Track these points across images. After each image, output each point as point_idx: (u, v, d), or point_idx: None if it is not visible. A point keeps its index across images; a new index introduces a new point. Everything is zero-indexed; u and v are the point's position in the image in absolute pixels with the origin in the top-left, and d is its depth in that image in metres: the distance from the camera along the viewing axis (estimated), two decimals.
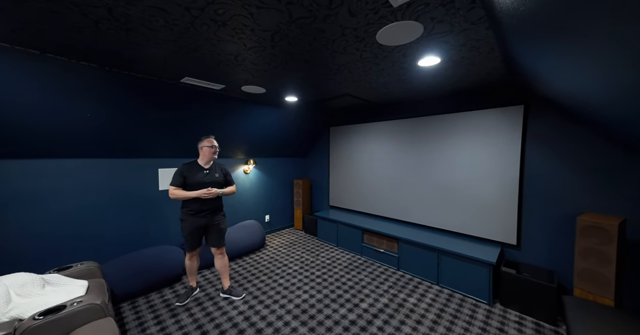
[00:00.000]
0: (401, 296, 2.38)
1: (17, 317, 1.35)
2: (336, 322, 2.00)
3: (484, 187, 2.61)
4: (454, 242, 2.63)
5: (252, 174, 3.92)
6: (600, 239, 1.71)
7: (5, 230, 2.00)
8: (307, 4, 1.08)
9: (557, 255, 2.23)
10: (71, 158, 2.27)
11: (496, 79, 2.16)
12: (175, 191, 2.04)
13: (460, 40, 1.42)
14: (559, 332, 1.91)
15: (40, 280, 1.64)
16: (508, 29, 1.10)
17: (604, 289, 1.70)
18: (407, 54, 1.62)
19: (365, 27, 1.28)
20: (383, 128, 3.49)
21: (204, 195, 2.05)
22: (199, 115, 2.74)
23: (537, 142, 2.31)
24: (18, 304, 1.42)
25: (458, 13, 1.13)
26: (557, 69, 1.20)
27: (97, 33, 1.34)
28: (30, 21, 1.22)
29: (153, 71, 1.96)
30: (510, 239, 2.48)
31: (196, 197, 2.04)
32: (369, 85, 2.37)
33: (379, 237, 3.11)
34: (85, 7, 1.10)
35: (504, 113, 2.47)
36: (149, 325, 1.96)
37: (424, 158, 3.07)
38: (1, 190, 1.97)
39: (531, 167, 2.35)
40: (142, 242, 2.74)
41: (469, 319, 2.05)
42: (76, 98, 1.94)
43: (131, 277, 2.28)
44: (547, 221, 2.28)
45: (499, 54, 1.63)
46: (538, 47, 1.09)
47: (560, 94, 1.61)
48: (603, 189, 2.00)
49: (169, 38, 1.40)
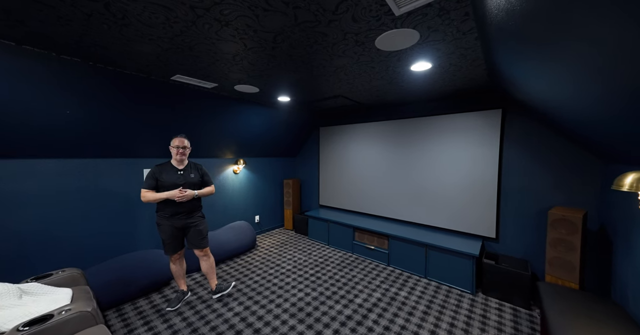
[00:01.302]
0: (393, 290, 2.49)
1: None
2: (333, 318, 2.05)
3: (466, 185, 2.80)
4: (440, 237, 2.79)
5: (242, 174, 3.86)
6: (567, 229, 1.92)
7: None
8: (314, 9, 1.11)
9: (530, 246, 2.46)
10: (47, 158, 2.11)
11: (478, 85, 2.33)
12: (147, 194, 1.92)
13: (450, 48, 1.53)
14: (533, 315, 2.11)
15: (16, 289, 1.51)
16: (494, 40, 1.21)
17: (570, 274, 1.91)
18: (402, 59, 1.71)
19: (366, 33, 1.34)
20: (372, 129, 3.60)
21: (177, 197, 1.96)
22: (187, 113, 2.65)
23: (513, 143, 2.53)
24: None
25: (452, 23, 1.23)
26: (534, 79, 1.34)
27: (88, 27, 1.27)
28: (12, 11, 1.13)
29: (142, 68, 1.88)
30: (490, 233, 2.68)
31: (168, 198, 1.94)
32: (361, 87, 2.44)
33: (370, 234, 3.21)
34: (79, 0, 1.04)
35: (484, 116, 2.66)
36: (139, 332, 1.88)
37: (411, 158, 3.22)
38: None
39: (508, 166, 2.57)
40: (126, 246, 2.60)
41: (456, 308, 2.20)
42: (55, 94, 1.81)
43: (116, 283, 2.16)
44: (522, 216, 2.50)
45: (483, 62, 1.77)
46: (519, 58, 1.21)
47: (534, 100, 1.78)
48: (568, 185, 2.24)
49: (166, 35, 1.36)
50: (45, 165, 2.11)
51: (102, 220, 2.44)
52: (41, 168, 2.09)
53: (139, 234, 2.71)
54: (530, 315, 2.10)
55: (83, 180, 2.31)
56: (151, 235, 2.78)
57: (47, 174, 2.12)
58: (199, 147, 3.04)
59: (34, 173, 2.06)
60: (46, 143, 2.01)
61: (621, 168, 1.68)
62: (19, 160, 1.98)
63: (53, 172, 2.15)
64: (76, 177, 2.27)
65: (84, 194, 2.32)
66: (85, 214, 2.33)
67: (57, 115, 1.90)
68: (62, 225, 2.20)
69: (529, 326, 1.96)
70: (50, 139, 2.01)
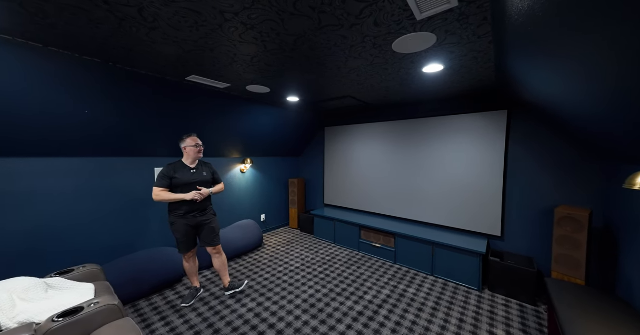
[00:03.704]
0: (401, 287, 2.54)
1: (25, 322, 1.29)
2: (345, 314, 2.10)
3: (471, 185, 2.86)
4: (446, 236, 2.85)
5: (248, 174, 3.90)
6: (574, 227, 1.97)
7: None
8: (338, 13, 1.16)
9: (535, 244, 2.52)
10: (65, 157, 2.14)
11: (485, 86, 2.38)
12: (162, 193, 1.95)
13: (464, 51, 1.58)
14: (539, 311, 2.17)
15: (42, 284, 1.56)
16: (509, 43, 1.26)
17: (576, 271, 1.97)
18: (416, 61, 1.76)
19: (385, 36, 1.38)
20: (377, 129, 3.65)
21: (197, 198, 2.01)
22: (198, 113, 2.69)
23: (518, 143, 2.58)
24: (25, 309, 1.34)
25: (470, 28, 1.28)
26: (547, 80, 1.39)
27: (117, 30, 1.31)
28: (48, 15, 1.17)
29: (159, 69, 1.92)
30: (495, 231, 2.74)
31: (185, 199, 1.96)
32: (371, 88, 2.49)
33: (376, 233, 3.26)
34: (116, 5, 1.08)
35: (489, 117, 2.72)
36: (157, 326, 1.93)
37: (416, 157, 3.27)
38: None
39: (513, 166, 2.62)
40: (140, 244, 2.65)
41: (464, 304, 2.25)
42: (75, 93, 1.85)
43: (131, 280, 2.21)
44: (527, 214, 2.56)
45: (493, 65, 1.82)
46: (533, 60, 1.26)
47: (543, 101, 1.83)
48: (572, 184, 2.30)
49: (191, 38, 1.40)
50: (64, 164, 2.15)
51: (116, 218, 2.48)
52: (60, 167, 2.13)
53: (151, 232, 2.75)
54: (536, 311, 2.16)
55: (98, 179, 2.35)
56: (161, 233, 2.82)
57: (65, 172, 2.16)
58: (208, 147, 3.07)
59: (55, 172, 2.10)
60: (65, 142, 2.05)
61: (626, 168, 1.73)
62: (39, 158, 2.02)
63: (71, 170, 2.19)
64: (92, 175, 2.31)
65: (99, 192, 2.36)
66: (100, 211, 2.37)
67: (77, 116, 1.94)
68: (79, 222, 2.24)
69: (536, 322, 2.02)
70: (69, 138, 2.04)
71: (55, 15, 1.18)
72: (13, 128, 1.75)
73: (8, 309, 1.35)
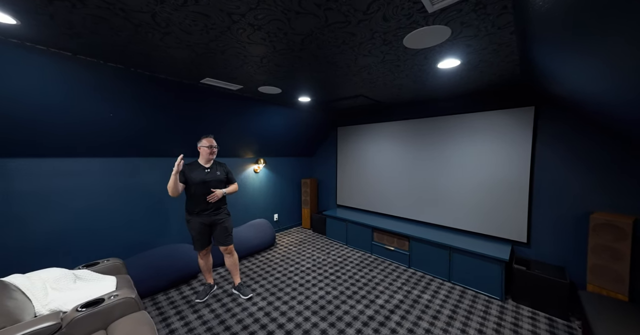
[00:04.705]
0: (415, 293, 2.44)
1: (56, 310, 1.40)
2: (355, 318, 2.05)
3: (493, 187, 2.67)
4: (465, 240, 2.69)
5: (262, 174, 3.96)
6: (614, 236, 1.77)
7: (33, 227, 2.03)
8: (344, 9, 1.13)
9: (567, 252, 2.29)
10: (93, 157, 2.31)
11: (507, 81, 2.22)
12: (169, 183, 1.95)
13: (482, 43, 1.48)
14: (572, 326, 1.97)
15: (72, 275, 1.68)
16: (535, 33, 1.15)
17: (617, 285, 1.76)
18: (429, 57, 1.67)
19: (395, 31, 1.33)
20: (391, 128, 3.55)
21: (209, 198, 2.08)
22: (213, 115, 2.78)
23: (547, 142, 2.37)
24: (55, 297, 1.46)
25: (488, 18, 1.19)
26: (580, 72, 1.25)
27: (134, 36, 1.38)
28: (74, 25, 1.26)
29: (176, 72, 2.00)
30: (521, 237, 2.54)
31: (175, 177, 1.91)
32: (384, 86, 2.42)
33: (389, 235, 3.16)
34: (131, 12, 1.14)
35: (513, 114, 2.53)
36: (172, 320, 2.01)
37: (433, 158, 3.13)
38: (29, 188, 2.01)
39: (541, 166, 2.41)
40: (160, 240, 2.78)
41: (484, 314, 2.11)
42: (100, 98, 1.98)
43: (151, 274, 2.32)
44: (556, 219, 2.34)
45: (517, 57, 1.68)
46: (564, 50, 1.14)
47: (577, 95, 1.66)
48: (612, 187, 2.06)
49: (202, 41, 1.44)
50: (92, 164, 2.32)
51: (139, 215, 2.62)
52: (92, 167, 2.30)
53: (170, 229, 2.88)
54: (569, 327, 1.96)
55: (122, 178, 2.51)
56: (180, 230, 2.94)
57: (93, 172, 2.33)
58: (223, 147, 3.17)
59: (88, 171, 2.28)
60: (93, 143, 2.21)
61: None
62: (76, 159, 2.19)
63: (104, 170, 2.37)
64: (117, 175, 2.47)
65: (124, 190, 2.51)
66: (123, 208, 2.52)
67: (100, 119, 2.08)
68: (105, 218, 2.40)
69: None
70: (96, 140, 2.20)
71: (80, 25, 1.27)
72: (50, 132, 1.92)
73: (42, 297, 1.47)
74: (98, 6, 1.10)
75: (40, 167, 2.06)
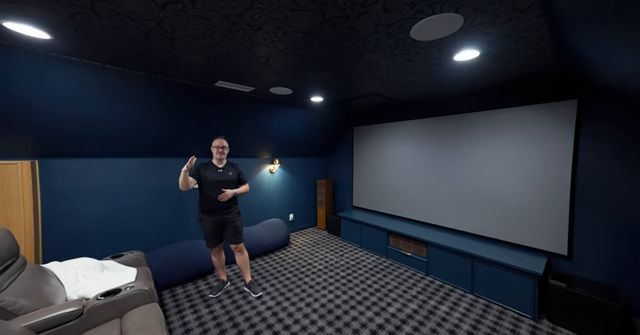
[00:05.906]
0: (431, 303, 2.26)
1: (83, 296, 1.54)
2: (363, 325, 1.96)
3: (525, 191, 2.38)
4: (490, 249, 2.44)
5: (277, 174, 4.02)
6: None
7: (74, 221, 2.29)
8: (340, 3, 1.08)
9: (620, 270, 1.96)
10: (120, 157, 2.54)
11: (541, 72, 1.96)
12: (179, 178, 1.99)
13: (504, 30, 1.31)
14: None
15: (100, 265, 1.85)
16: (567, 14, 0.99)
17: None
18: (443, 49, 1.54)
19: (399, 23, 1.24)
20: (409, 127, 3.36)
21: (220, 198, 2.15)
22: (228, 117, 2.88)
23: (594, 140, 2.05)
24: (84, 285, 1.62)
25: (505, 1, 1.05)
26: (628, 55, 1.05)
27: (147, 43, 1.47)
28: (96, 37, 1.39)
29: (191, 76, 2.11)
30: (560, 249, 2.23)
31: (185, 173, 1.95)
32: (397, 83, 2.29)
33: (406, 240, 2.99)
34: (139, 20, 1.22)
35: (551, 108, 2.23)
36: (186, 313, 2.11)
37: (455, 158, 2.89)
38: (67, 186, 2.26)
39: (586, 168, 2.09)
40: (180, 236, 2.96)
41: (511, 333, 1.88)
42: (127, 103, 2.16)
43: (171, 268, 2.47)
44: (606, 231, 2.01)
45: (550, 44, 1.47)
46: (602, 30, 0.96)
47: (629, 85, 1.40)
48: None
49: (207, 44, 1.49)
50: (118, 164, 2.54)
51: (160, 211, 2.82)
52: (120, 166, 2.53)
53: (188, 226, 3.04)
54: None
55: (146, 177, 2.71)
56: (198, 227, 3.09)
57: (117, 171, 2.55)
58: (239, 148, 3.27)
59: (117, 170, 2.51)
60: (118, 144, 2.42)
61: None
62: (110, 159, 2.43)
63: (125, 169, 2.58)
64: (141, 174, 2.68)
65: (146, 188, 2.72)
66: (146, 205, 2.72)
67: (127, 123, 2.27)
68: (130, 214, 2.62)
69: None
70: (122, 141, 2.41)
71: (100, 36, 1.39)
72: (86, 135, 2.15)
73: (73, 283, 1.64)
74: (109, 16, 1.19)
75: (82, 166, 2.32)
